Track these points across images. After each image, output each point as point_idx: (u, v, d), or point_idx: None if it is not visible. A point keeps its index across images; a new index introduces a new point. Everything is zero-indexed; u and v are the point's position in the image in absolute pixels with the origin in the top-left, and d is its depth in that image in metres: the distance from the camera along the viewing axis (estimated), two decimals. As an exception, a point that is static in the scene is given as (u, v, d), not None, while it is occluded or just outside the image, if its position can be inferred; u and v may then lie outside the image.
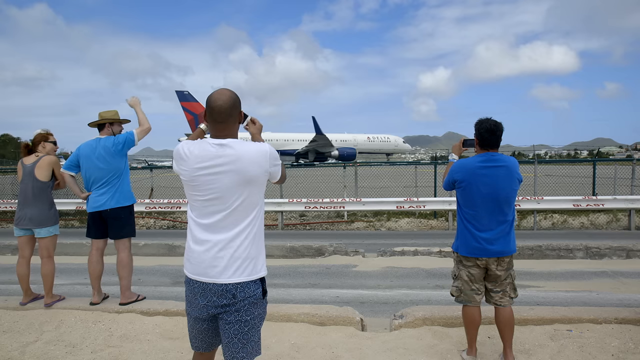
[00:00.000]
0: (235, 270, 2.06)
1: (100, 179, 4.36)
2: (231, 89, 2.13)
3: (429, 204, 10.97)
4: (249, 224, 2.07)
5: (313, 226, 11.80)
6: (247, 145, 2.07)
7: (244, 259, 2.06)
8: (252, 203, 2.08)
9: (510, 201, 3.14)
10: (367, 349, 3.53)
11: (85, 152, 4.39)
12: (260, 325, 2.15)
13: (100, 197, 4.36)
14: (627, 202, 10.48)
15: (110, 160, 4.36)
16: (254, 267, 2.08)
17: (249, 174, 2.03)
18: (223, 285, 2.05)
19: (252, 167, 2.03)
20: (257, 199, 2.10)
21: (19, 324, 4.05)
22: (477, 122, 3.21)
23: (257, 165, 2.05)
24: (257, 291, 2.09)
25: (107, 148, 4.35)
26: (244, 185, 2.04)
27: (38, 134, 4.60)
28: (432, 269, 6.90)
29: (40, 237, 4.44)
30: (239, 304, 2.06)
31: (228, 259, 2.05)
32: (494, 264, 3.14)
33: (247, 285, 2.07)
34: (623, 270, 6.70)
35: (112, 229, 4.45)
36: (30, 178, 4.42)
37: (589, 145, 73.02)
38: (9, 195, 13.76)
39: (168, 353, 3.50)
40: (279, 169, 2.17)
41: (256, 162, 2.05)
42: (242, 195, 2.04)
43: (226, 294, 2.04)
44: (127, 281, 4.45)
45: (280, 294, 5.71)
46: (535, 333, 3.69)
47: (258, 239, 2.12)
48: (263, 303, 2.15)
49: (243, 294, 2.06)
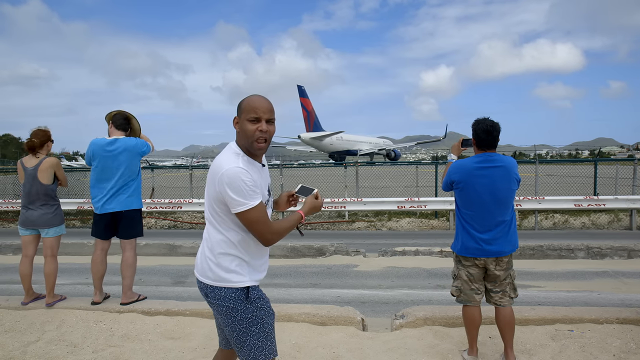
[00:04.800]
0: (201, 270, 2.10)
1: (122, 179, 4.30)
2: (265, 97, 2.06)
3: (430, 204, 10.96)
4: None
5: (314, 226, 11.80)
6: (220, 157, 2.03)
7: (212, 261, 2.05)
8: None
9: (509, 201, 3.14)
10: (368, 349, 3.53)
11: (110, 151, 4.26)
12: (252, 330, 2.04)
13: (120, 196, 4.30)
14: (628, 202, 10.47)
15: (133, 160, 4.33)
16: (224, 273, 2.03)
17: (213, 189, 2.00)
18: (199, 282, 2.11)
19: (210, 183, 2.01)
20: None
21: (21, 323, 4.05)
22: (474, 122, 3.21)
23: (212, 183, 1.99)
24: (231, 296, 2.02)
25: (136, 147, 4.33)
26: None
27: (41, 131, 4.48)
28: (433, 269, 6.90)
29: (45, 237, 4.44)
30: (215, 307, 2.06)
31: (199, 256, 2.13)
32: (493, 264, 3.14)
33: (219, 289, 2.03)
34: (624, 270, 6.70)
35: (125, 228, 4.40)
36: (33, 182, 4.38)
37: (590, 145, 72.96)
38: (10, 195, 13.78)
39: (169, 353, 3.50)
40: (233, 202, 1.92)
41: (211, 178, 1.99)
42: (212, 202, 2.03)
43: (203, 290, 2.11)
44: (130, 281, 4.44)
45: (281, 293, 5.71)
46: (536, 333, 3.68)
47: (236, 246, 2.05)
48: (246, 308, 2.03)
49: (214, 295, 2.04)
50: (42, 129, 4.53)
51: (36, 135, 4.46)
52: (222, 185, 1.92)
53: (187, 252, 8.03)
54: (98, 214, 4.37)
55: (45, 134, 4.51)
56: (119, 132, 4.38)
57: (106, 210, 4.30)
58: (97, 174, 4.31)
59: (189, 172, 13.34)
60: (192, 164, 14.36)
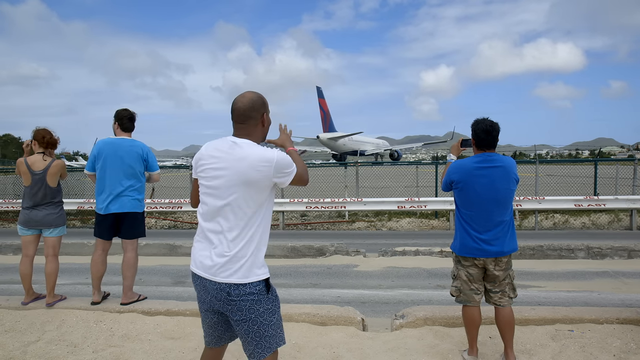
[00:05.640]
0: (223, 269, 2.08)
1: (129, 180, 4.31)
2: (256, 92, 2.18)
3: (430, 204, 10.97)
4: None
5: (314, 226, 11.80)
6: (253, 149, 2.08)
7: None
8: (249, 204, 2.08)
9: (508, 201, 3.14)
10: (368, 349, 3.53)
11: (115, 152, 4.26)
12: (273, 319, 2.10)
13: (125, 197, 4.30)
14: (628, 202, 10.48)
15: (138, 162, 4.34)
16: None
17: (247, 176, 2.04)
18: (217, 284, 2.07)
19: (251, 172, 2.03)
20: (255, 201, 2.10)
21: (21, 323, 4.05)
22: (473, 122, 3.21)
23: (256, 171, 2.03)
24: (256, 289, 2.05)
25: (141, 151, 4.35)
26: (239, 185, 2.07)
27: (48, 133, 4.44)
28: (433, 269, 6.90)
29: (47, 236, 4.44)
30: (237, 303, 2.05)
31: (215, 257, 2.13)
32: (492, 264, 3.14)
33: (244, 286, 2.05)
34: (624, 271, 6.70)
35: (128, 228, 4.38)
36: (42, 185, 4.36)
37: (590, 145, 73.11)
38: (10, 195, 13.78)
39: (169, 353, 3.50)
40: (288, 178, 2.12)
41: (255, 167, 2.04)
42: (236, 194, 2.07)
43: (221, 292, 2.07)
44: (131, 281, 4.43)
45: (282, 293, 5.67)
46: (536, 333, 3.68)
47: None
48: (268, 298, 2.10)
49: (239, 292, 2.05)
50: (46, 129, 4.51)
51: (48, 134, 4.44)
52: (280, 169, 2.06)
53: (187, 252, 8.04)
54: (102, 215, 4.35)
55: (51, 136, 4.48)
56: (125, 133, 4.40)
57: (110, 210, 4.29)
58: (102, 174, 4.30)
59: (189, 172, 13.35)
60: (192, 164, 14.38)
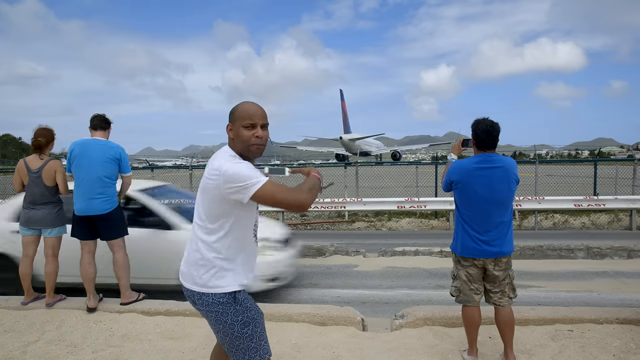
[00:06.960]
0: (188, 276, 2.07)
1: (98, 181, 4.23)
2: (240, 102, 2.08)
3: (430, 204, 10.97)
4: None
5: (314, 226, 11.80)
6: (217, 156, 2.01)
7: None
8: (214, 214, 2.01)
9: (508, 202, 3.13)
10: (368, 349, 3.53)
11: (87, 152, 4.24)
12: (245, 332, 2.02)
13: (95, 200, 4.22)
14: (628, 202, 10.47)
15: (111, 163, 4.28)
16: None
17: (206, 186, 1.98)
18: (186, 290, 2.09)
19: (205, 180, 1.98)
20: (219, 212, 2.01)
21: (21, 323, 4.06)
22: (473, 122, 3.20)
23: (208, 180, 1.96)
24: (219, 300, 2.00)
25: (114, 152, 4.30)
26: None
27: (46, 130, 4.45)
28: (433, 269, 6.90)
29: (47, 237, 4.44)
30: (204, 313, 2.05)
31: (185, 263, 2.12)
32: (491, 265, 3.14)
33: (206, 295, 2.02)
34: (624, 271, 6.70)
35: (105, 230, 4.32)
36: (38, 184, 4.37)
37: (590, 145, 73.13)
38: (10, 194, 13.78)
39: (169, 353, 3.50)
40: (244, 193, 1.87)
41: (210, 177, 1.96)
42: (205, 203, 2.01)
43: (190, 298, 2.09)
44: (125, 280, 4.41)
45: (281, 293, 5.71)
46: (536, 333, 3.69)
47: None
48: (236, 310, 2.01)
49: (202, 302, 2.03)
50: (47, 128, 4.51)
51: (42, 134, 4.44)
52: (227, 183, 1.88)
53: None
54: (77, 215, 4.29)
55: (50, 132, 4.50)
56: (97, 133, 4.37)
57: (82, 212, 4.24)
58: (75, 175, 4.27)
59: (189, 172, 13.34)
60: (192, 164, 14.35)
